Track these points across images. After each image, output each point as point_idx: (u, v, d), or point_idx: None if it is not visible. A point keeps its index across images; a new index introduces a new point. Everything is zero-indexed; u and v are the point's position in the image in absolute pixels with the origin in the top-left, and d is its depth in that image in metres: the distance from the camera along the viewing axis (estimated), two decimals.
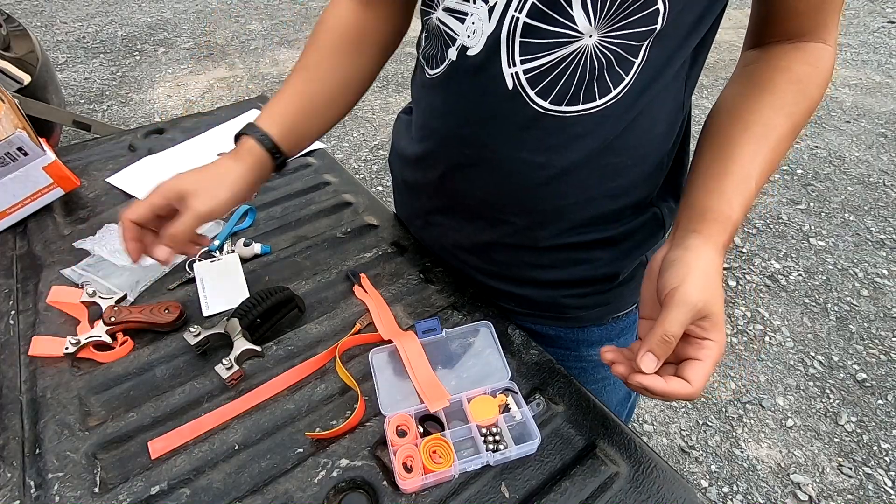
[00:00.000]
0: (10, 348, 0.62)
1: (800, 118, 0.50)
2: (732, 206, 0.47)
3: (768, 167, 0.49)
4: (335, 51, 0.62)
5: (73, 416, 0.55)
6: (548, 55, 0.47)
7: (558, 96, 0.48)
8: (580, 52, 0.46)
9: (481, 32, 0.48)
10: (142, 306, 0.63)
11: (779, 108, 0.50)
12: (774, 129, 0.49)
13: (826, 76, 0.51)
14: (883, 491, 1.43)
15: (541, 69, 0.47)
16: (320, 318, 0.65)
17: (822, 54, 0.51)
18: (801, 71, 0.51)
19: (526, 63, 0.47)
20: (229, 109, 1.09)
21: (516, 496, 0.48)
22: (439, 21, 0.53)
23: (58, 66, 3.49)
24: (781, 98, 0.50)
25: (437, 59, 0.54)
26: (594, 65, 0.47)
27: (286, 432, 0.53)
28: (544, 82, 0.48)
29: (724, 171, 0.48)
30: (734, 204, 0.47)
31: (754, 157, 0.48)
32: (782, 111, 0.49)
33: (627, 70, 0.47)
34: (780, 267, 2.10)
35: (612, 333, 0.69)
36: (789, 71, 0.51)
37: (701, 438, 1.57)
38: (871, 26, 4.02)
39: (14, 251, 0.76)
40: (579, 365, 0.70)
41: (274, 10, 4.38)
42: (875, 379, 1.70)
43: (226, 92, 3.24)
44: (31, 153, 0.77)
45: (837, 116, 3.00)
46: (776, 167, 0.51)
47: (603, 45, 0.46)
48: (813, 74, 0.51)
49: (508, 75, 0.48)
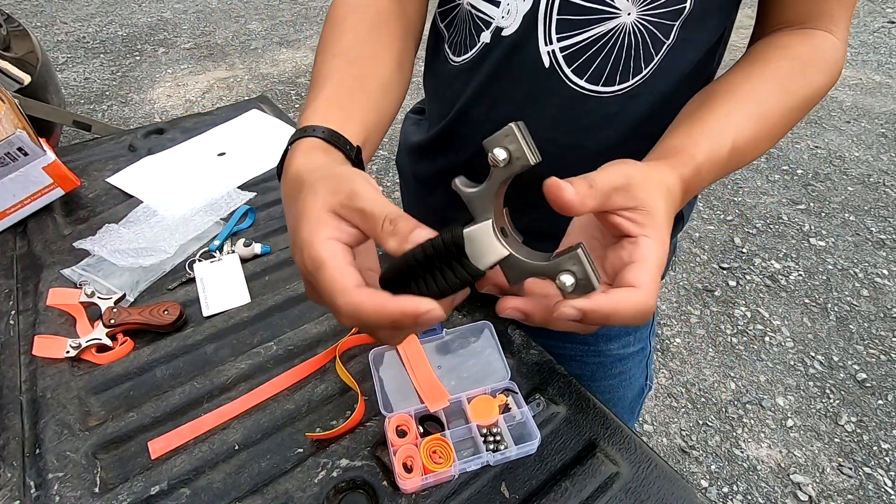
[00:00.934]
0: (10, 348, 0.62)
1: (797, 96, 0.46)
2: (698, 147, 0.41)
3: (752, 132, 0.44)
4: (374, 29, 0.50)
5: (73, 416, 0.55)
6: (585, 32, 0.46)
7: (594, 75, 0.48)
8: (618, 30, 0.46)
9: (517, 12, 0.48)
10: (141, 307, 0.63)
11: (770, 77, 0.46)
12: (762, 94, 0.45)
13: (830, 63, 0.47)
14: (883, 491, 1.43)
15: (577, 46, 0.47)
16: (320, 318, 0.65)
17: (825, 42, 0.48)
18: (800, 50, 0.47)
19: (563, 41, 0.47)
20: (229, 109, 1.09)
21: (516, 496, 0.48)
22: (471, 6, 0.52)
23: (58, 66, 3.49)
24: (774, 70, 0.46)
25: (467, 44, 0.54)
26: (630, 43, 0.46)
27: (286, 432, 0.53)
28: (580, 60, 0.48)
29: (697, 119, 0.44)
30: (701, 146, 0.42)
31: (732, 113, 0.44)
32: (774, 81, 0.45)
33: (658, 49, 0.47)
34: (780, 267, 2.10)
35: (629, 327, 0.69)
36: (787, 48, 0.47)
37: (701, 438, 1.57)
38: (871, 26, 4.02)
39: (14, 251, 0.76)
40: (597, 360, 0.70)
41: (274, 10, 4.38)
42: (875, 379, 1.70)
43: (226, 92, 3.23)
44: (31, 153, 0.77)
45: (837, 116, 3.00)
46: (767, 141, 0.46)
47: (640, 22, 0.45)
48: (814, 56, 0.47)
49: (545, 53, 0.48)
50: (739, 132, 0.43)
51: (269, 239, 0.77)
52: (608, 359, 0.70)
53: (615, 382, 0.72)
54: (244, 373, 0.59)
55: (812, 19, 0.48)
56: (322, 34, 0.51)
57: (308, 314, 0.66)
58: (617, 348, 0.69)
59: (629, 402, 0.76)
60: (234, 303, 0.67)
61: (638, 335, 0.70)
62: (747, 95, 0.45)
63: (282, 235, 0.78)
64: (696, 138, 0.42)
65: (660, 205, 0.36)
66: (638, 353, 0.72)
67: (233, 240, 0.76)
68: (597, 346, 0.69)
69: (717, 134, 0.42)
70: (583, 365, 0.64)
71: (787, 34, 0.48)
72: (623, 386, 0.73)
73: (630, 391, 0.75)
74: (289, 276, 0.71)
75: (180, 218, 0.79)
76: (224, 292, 0.68)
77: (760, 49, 0.49)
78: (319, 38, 0.50)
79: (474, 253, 0.33)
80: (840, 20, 0.48)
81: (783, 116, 0.45)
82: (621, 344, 0.69)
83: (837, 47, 0.48)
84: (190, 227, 0.77)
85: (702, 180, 0.42)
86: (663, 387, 1.71)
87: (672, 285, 2.03)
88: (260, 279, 0.71)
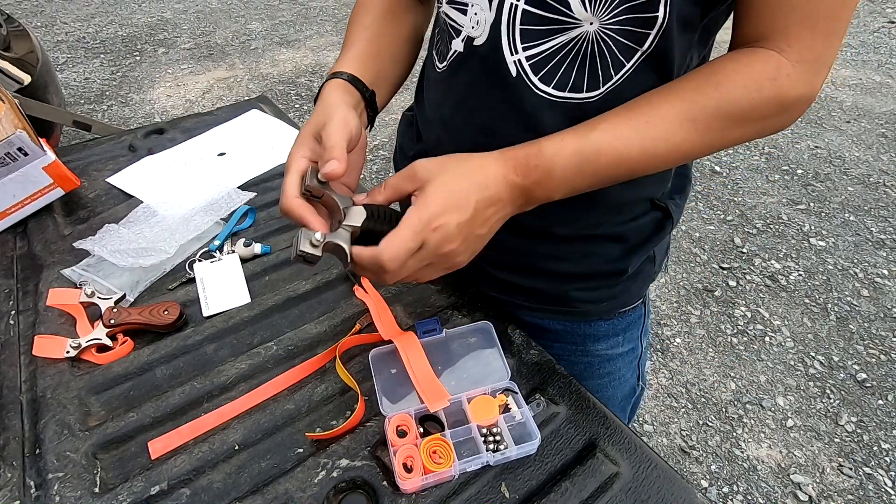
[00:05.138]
0: (10, 348, 0.62)
1: (701, 106, 0.45)
2: (561, 145, 0.46)
3: (631, 140, 0.45)
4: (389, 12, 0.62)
5: (73, 416, 0.55)
6: (548, 41, 0.47)
7: (561, 82, 0.49)
8: (581, 39, 0.46)
9: (484, 21, 0.49)
10: (141, 307, 0.63)
11: (671, 89, 0.46)
12: (654, 105, 0.46)
13: (759, 81, 0.44)
14: (883, 491, 1.43)
15: (542, 55, 0.48)
16: (320, 318, 0.65)
17: (761, 58, 0.44)
18: (720, 64, 0.46)
19: (528, 50, 0.48)
20: (229, 109, 1.09)
21: (516, 496, 0.48)
22: (445, 14, 0.54)
23: (58, 66, 3.49)
24: (680, 83, 0.46)
25: (445, 52, 0.55)
26: (596, 51, 0.47)
27: (286, 432, 0.53)
28: (546, 68, 0.49)
29: (581, 125, 0.47)
30: (565, 144, 0.46)
31: (612, 123, 0.46)
32: (674, 94, 0.46)
33: (630, 57, 0.47)
34: (781, 267, 2.09)
35: (617, 328, 0.69)
36: (711, 64, 0.46)
37: (701, 438, 1.57)
38: (871, 26, 4.02)
39: (14, 251, 0.76)
40: (585, 360, 0.70)
41: (274, 10, 4.38)
42: (875, 379, 1.70)
43: (226, 92, 3.23)
44: (32, 153, 0.77)
45: (837, 116, 3.00)
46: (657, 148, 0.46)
47: (605, 32, 0.46)
48: (736, 71, 0.45)
49: (511, 62, 0.49)
50: (615, 139, 0.46)
51: (269, 239, 0.77)
52: (596, 359, 0.70)
53: (603, 382, 0.72)
54: (244, 373, 0.59)
55: (764, 38, 0.45)
56: (352, 12, 0.64)
57: (308, 314, 0.66)
58: (605, 349, 0.70)
59: (619, 402, 0.76)
60: (234, 303, 0.67)
61: (627, 336, 0.70)
62: (635, 105, 0.47)
63: (282, 235, 0.78)
64: (563, 136, 0.47)
65: (443, 188, 0.45)
66: (628, 353, 0.72)
67: (233, 240, 0.76)
68: (584, 346, 0.69)
69: (594, 135, 0.46)
70: (571, 364, 0.64)
71: (728, 55, 0.47)
72: (612, 386, 0.73)
73: (619, 391, 0.75)
74: (289, 276, 0.71)
75: (180, 218, 0.79)
76: (224, 292, 0.68)
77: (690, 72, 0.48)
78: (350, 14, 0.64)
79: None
80: (797, 39, 0.44)
81: (677, 123, 0.45)
82: (609, 344, 0.70)
83: (780, 65, 0.44)
84: (190, 227, 0.77)
85: (561, 176, 0.47)
86: (663, 387, 1.71)
87: (672, 285, 2.03)
88: (260, 279, 0.71)
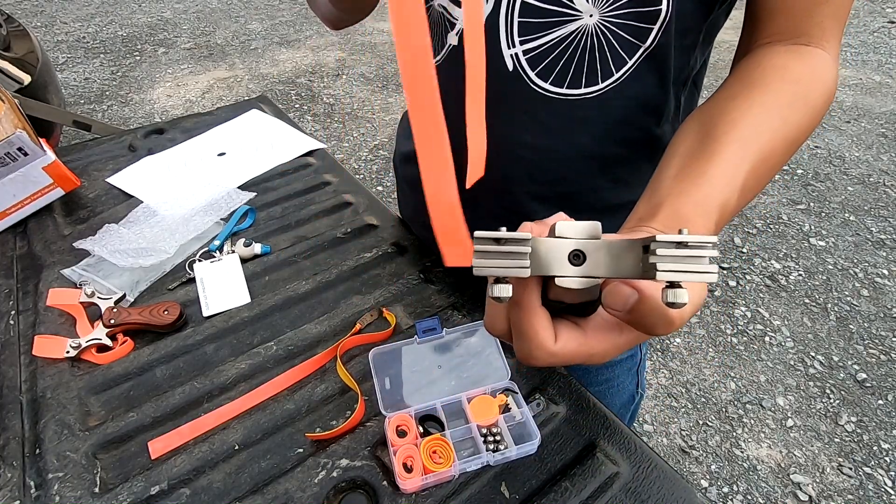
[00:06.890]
0: (10, 348, 0.62)
1: (799, 126, 0.41)
2: (710, 217, 0.35)
3: (754, 180, 0.38)
4: None
5: (73, 416, 0.55)
6: (547, 35, 0.46)
7: (559, 78, 0.48)
8: (580, 32, 0.45)
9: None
10: (141, 307, 0.63)
11: (772, 107, 0.40)
12: (766, 134, 0.39)
13: (827, 86, 0.43)
14: (883, 491, 1.43)
15: (540, 49, 0.47)
16: (320, 318, 0.65)
17: (822, 62, 0.43)
18: (799, 71, 0.43)
19: (525, 43, 0.47)
20: (229, 109, 1.09)
21: (516, 496, 0.48)
22: (441, 7, 0.52)
23: (58, 66, 3.49)
24: (776, 97, 0.41)
25: (439, 46, 0.54)
26: (595, 46, 0.46)
27: (286, 432, 0.53)
28: (544, 63, 0.47)
29: (700, 176, 0.36)
30: (711, 215, 0.35)
31: (739, 163, 0.37)
32: (777, 112, 0.40)
33: (632, 53, 0.46)
34: (780, 267, 2.09)
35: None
36: (785, 69, 0.43)
37: (701, 438, 1.57)
38: (871, 26, 4.02)
39: (14, 251, 0.76)
40: (583, 366, 0.70)
41: (274, 10, 4.38)
42: (875, 379, 1.70)
43: (226, 92, 3.23)
44: (31, 153, 0.77)
45: (837, 116, 3.00)
46: (764, 182, 0.40)
47: (605, 25, 0.45)
48: (813, 78, 0.43)
49: (508, 56, 0.48)
50: (745, 182, 0.38)
51: (269, 239, 0.77)
52: (594, 365, 0.70)
53: (602, 389, 0.72)
54: (244, 373, 0.59)
55: (804, 33, 0.44)
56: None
57: (308, 314, 0.66)
58: None
59: (617, 409, 0.76)
60: (234, 303, 0.67)
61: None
62: (752, 136, 0.39)
63: (282, 235, 0.78)
64: (706, 206, 0.35)
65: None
66: (627, 360, 0.72)
67: (233, 240, 0.76)
68: None
69: (723, 196, 0.36)
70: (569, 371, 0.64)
71: (782, 52, 0.44)
72: (611, 393, 0.73)
73: (618, 398, 0.75)
74: (289, 276, 0.71)
75: (180, 218, 0.79)
76: (224, 292, 0.68)
77: (756, 70, 0.44)
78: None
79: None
80: (832, 35, 0.44)
81: (782, 151, 0.41)
82: None
83: (831, 66, 0.44)
84: (190, 227, 0.77)
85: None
86: (663, 387, 1.71)
87: None
88: (260, 279, 0.71)
